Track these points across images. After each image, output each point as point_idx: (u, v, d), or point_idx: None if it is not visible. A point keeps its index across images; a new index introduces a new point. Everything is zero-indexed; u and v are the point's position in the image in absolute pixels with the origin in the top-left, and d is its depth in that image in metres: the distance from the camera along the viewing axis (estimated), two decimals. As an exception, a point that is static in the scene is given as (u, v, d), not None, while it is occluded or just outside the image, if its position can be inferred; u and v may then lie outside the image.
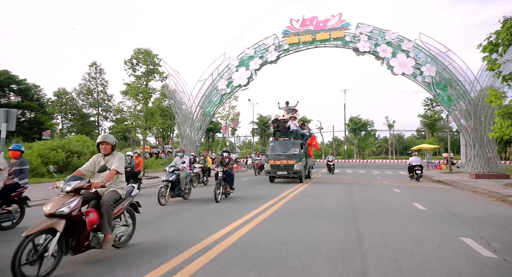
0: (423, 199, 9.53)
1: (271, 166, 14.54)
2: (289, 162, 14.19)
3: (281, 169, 14.37)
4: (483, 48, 9.52)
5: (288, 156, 14.38)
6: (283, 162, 14.34)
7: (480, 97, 17.61)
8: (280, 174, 14.51)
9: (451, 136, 37.34)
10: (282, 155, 14.51)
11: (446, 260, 3.89)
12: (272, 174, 14.66)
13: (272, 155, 14.73)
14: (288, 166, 14.23)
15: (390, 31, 20.04)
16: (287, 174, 14.35)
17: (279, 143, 15.27)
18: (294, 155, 14.27)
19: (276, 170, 14.45)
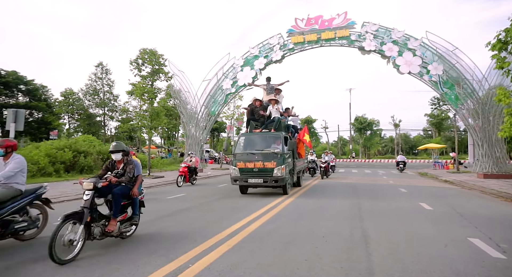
0: (430, 199, 9.42)
1: (239, 170, 9.67)
2: (267, 165, 9.39)
3: (255, 175, 9.51)
4: (492, 46, 9.38)
5: (265, 155, 9.57)
6: (257, 164, 9.48)
7: (489, 96, 17.35)
8: (253, 183, 9.64)
9: (458, 136, 36.90)
10: (256, 155, 9.67)
11: (454, 261, 3.83)
12: (241, 183, 9.75)
13: (242, 154, 9.91)
14: (264, 171, 9.43)
15: (396, 29, 19.85)
16: (263, 183, 9.46)
17: (253, 137, 10.52)
18: (275, 155, 9.49)
19: (247, 177, 9.57)
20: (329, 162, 17.51)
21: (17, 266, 3.72)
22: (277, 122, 10.61)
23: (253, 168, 9.55)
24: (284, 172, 9.42)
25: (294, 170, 11.07)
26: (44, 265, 3.70)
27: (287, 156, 9.92)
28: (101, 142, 27.53)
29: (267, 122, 10.93)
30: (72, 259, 3.77)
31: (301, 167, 13.09)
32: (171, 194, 10.43)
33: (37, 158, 15.01)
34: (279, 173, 9.33)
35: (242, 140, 10.65)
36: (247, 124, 11.54)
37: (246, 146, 10.26)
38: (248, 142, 10.42)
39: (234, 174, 9.80)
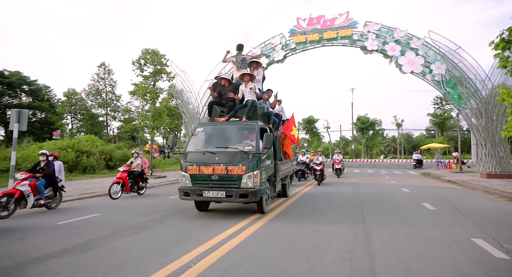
0: (433, 198, 9.38)
1: (191, 178, 6.45)
2: (232, 170, 6.21)
3: (214, 185, 6.31)
4: (495, 45, 9.32)
5: (230, 156, 6.35)
6: (218, 169, 6.28)
7: (492, 95, 17.26)
8: (211, 197, 6.30)
9: (461, 136, 36.78)
10: (217, 154, 6.41)
11: (457, 261, 3.82)
12: (193, 197, 6.43)
13: (195, 154, 6.63)
14: (228, 179, 6.25)
15: (399, 29, 19.79)
16: (225, 197, 6.19)
17: (215, 129, 7.20)
18: (245, 155, 6.26)
19: (203, 187, 6.34)
20: (324, 162, 14.26)
21: (20, 265, 3.74)
22: (250, 107, 7.10)
23: (211, 174, 6.15)
24: (258, 181, 6.08)
25: (276, 176, 7.60)
26: (46, 265, 3.72)
27: (265, 156, 6.59)
28: (103, 142, 27.64)
29: (237, 107, 7.37)
30: None
31: (287, 171, 9.04)
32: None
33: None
34: (251, 182, 6.01)
35: (199, 132, 7.14)
36: (208, 111, 7.84)
37: (204, 142, 6.98)
38: (208, 136, 7.10)
39: (183, 184, 6.39)
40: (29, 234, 5.21)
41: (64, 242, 4.67)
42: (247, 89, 7.54)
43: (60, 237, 4.96)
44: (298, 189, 12.03)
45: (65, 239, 4.83)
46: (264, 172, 6.61)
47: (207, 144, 6.92)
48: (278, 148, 8.32)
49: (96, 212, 7.24)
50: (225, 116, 7.42)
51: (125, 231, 5.36)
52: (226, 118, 7.32)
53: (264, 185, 6.57)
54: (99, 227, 5.73)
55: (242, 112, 7.32)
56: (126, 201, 9.18)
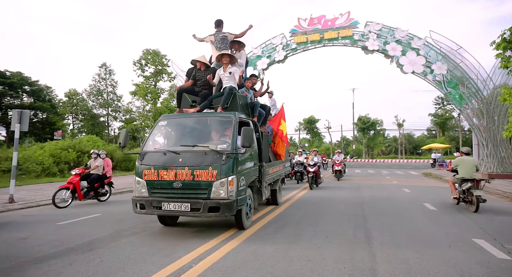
0: (434, 199, 9.37)
1: (148, 186, 5.04)
2: (199, 175, 4.80)
3: (176, 194, 4.90)
4: (497, 45, 9.30)
5: (197, 157, 4.96)
6: (181, 173, 4.87)
7: (493, 95, 17.22)
8: (172, 211, 4.83)
9: (462, 136, 36.73)
10: (181, 155, 5.03)
11: (458, 262, 3.81)
12: (149, 210, 4.94)
13: (154, 154, 5.25)
14: (194, 187, 4.83)
15: (400, 29, 19.77)
16: (190, 211, 4.75)
17: (182, 122, 5.87)
18: (217, 155, 4.88)
19: (162, 197, 4.94)
20: (319, 164, 12.85)
21: (22, 265, 3.75)
22: (228, 95, 5.77)
23: (173, 180, 4.82)
24: (234, 189, 4.77)
25: (262, 180, 6.15)
26: (48, 265, 3.73)
27: (245, 157, 5.30)
28: (104, 142, 27.67)
29: (212, 96, 6.04)
30: None
31: (277, 174, 7.62)
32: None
33: (41, 158, 15.14)
34: (224, 191, 4.67)
35: (161, 127, 5.74)
36: (177, 100, 6.36)
37: (167, 139, 5.81)
38: (172, 132, 5.79)
39: (138, 193, 5.05)
40: (30, 234, 5.22)
41: (65, 242, 4.68)
42: (225, 73, 6.03)
43: (61, 237, 4.98)
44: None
45: (66, 239, 4.85)
46: (244, 177, 5.11)
47: (171, 142, 5.57)
48: (265, 147, 6.78)
49: (96, 213, 7.25)
50: (197, 107, 5.89)
51: (126, 232, 5.37)
52: (197, 109, 5.82)
53: (243, 193, 5.09)
54: (99, 227, 5.74)
55: (218, 101, 5.86)
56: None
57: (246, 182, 5.29)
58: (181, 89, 6.32)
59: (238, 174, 4.94)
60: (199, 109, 5.87)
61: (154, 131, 5.71)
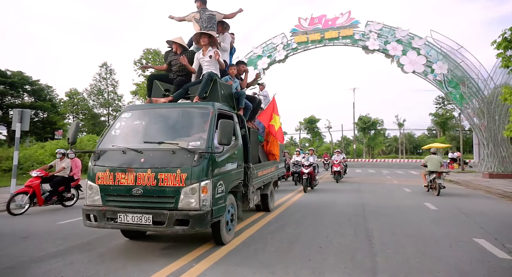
0: (435, 198, 9.36)
1: (102, 191, 4.02)
2: (164, 179, 3.80)
3: (135, 203, 3.89)
4: (498, 45, 9.28)
5: (163, 156, 3.98)
6: (142, 177, 3.86)
7: (494, 95, 17.21)
8: (130, 224, 3.81)
9: (463, 135, 36.67)
10: (144, 154, 4.01)
11: (459, 261, 3.81)
12: (101, 223, 3.92)
13: (112, 153, 4.23)
14: (157, 194, 3.84)
15: (401, 28, 19.76)
16: (152, 225, 3.75)
17: (148, 115, 4.76)
18: (187, 154, 3.89)
19: (119, 207, 3.91)
20: (315, 164, 11.48)
21: (22, 265, 3.76)
22: (207, 82, 4.88)
23: (132, 186, 3.91)
24: (209, 197, 3.85)
25: (249, 185, 5.19)
26: (49, 264, 3.73)
27: (225, 157, 4.37)
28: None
29: (188, 84, 5.18)
30: None
31: (269, 176, 6.68)
32: None
33: (42, 157, 15.16)
34: (195, 199, 3.77)
35: (124, 120, 4.75)
36: (148, 89, 5.43)
37: (131, 134, 4.67)
38: (137, 126, 4.81)
39: (90, 200, 4.13)
40: (31, 234, 5.23)
41: (66, 242, 4.69)
42: (205, 57, 5.13)
43: (62, 237, 4.98)
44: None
45: (67, 239, 4.85)
46: (223, 181, 4.16)
47: (134, 138, 4.52)
48: (254, 145, 5.80)
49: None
50: (170, 96, 5.01)
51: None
52: (170, 99, 4.91)
53: (222, 201, 4.13)
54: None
55: (195, 90, 4.92)
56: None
57: (226, 187, 4.29)
58: (152, 76, 5.50)
59: (215, 178, 3.95)
60: (172, 99, 4.91)
61: (115, 125, 4.67)
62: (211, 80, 4.94)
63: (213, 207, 3.89)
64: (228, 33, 6.22)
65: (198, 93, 4.81)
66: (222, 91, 5.08)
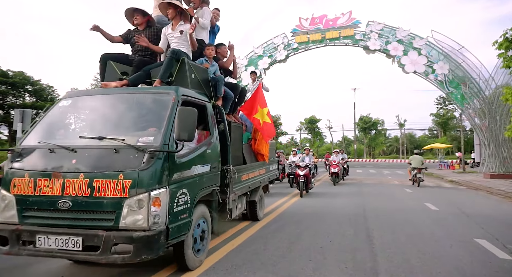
0: (436, 199, 9.35)
1: (18, 203, 2.94)
2: (101, 188, 2.80)
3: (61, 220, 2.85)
4: (499, 45, 9.27)
5: (101, 156, 2.99)
6: (72, 184, 2.84)
7: (495, 95, 17.19)
8: (50, 249, 2.77)
9: (464, 136, 36.70)
10: (77, 153, 3.00)
11: (460, 262, 3.80)
12: (15, 247, 2.85)
13: (36, 152, 3.16)
14: (90, 208, 2.83)
15: (402, 28, 19.75)
16: (81, 252, 2.74)
17: (93, 102, 3.71)
18: (134, 154, 2.90)
19: (39, 224, 2.88)
20: (310, 165, 10.37)
21: (22, 265, 3.76)
22: (169, 61, 3.85)
23: (57, 196, 2.87)
24: (164, 211, 2.89)
25: (228, 191, 4.17)
26: (49, 265, 3.74)
27: (191, 157, 3.45)
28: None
29: (149, 66, 4.14)
30: None
31: (257, 180, 5.64)
32: None
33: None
34: (143, 215, 2.77)
35: (61, 109, 3.71)
36: (100, 71, 4.39)
37: (67, 127, 3.83)
38: (77, 117, 3.99)
39: (1, 217, 3.02)
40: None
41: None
42: (174, 32, 4.15)
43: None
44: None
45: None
46: (187, 189, 3.24)
47: (72, 132, 3.64)
48: (236, 143, 4.87)
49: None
50: (126, 79, 3.95)
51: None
52: (124, 83, 3.85)
53: (185, 216, 3.19)
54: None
55: (157, 72, 3.90)
56: None
57: (193, 197, 3.35)
58: (106, 55, 4.27)
59: (174, 185, 3.02)
60: (128, 84, 3.84)
61: (48, 115, 3.57)
62: (176, 59, 3.84)
63: (171, 224, 2.92)
64: (208, 8, 5.13)
65: (159, 76, 3.75)
66: (193, 75, 3.97)
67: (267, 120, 5.71)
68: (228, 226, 5.19)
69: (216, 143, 3.99)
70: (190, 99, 3.61)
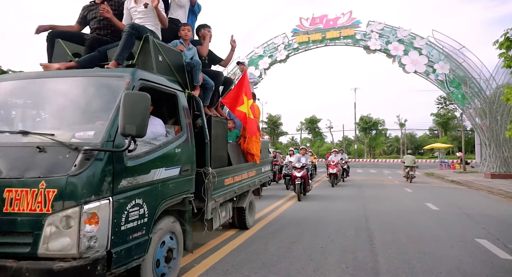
0: (436, 199, 9.33)
1: None
2: (15, 200, 2.04)
3: None
4: (500, 44, 9.25)
5: (17, 155, 2.26)
6: None
7: (496, 95, 17.16)
8: None
9: (465, 136, 36.63)
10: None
11: (461, 262, 3.79)
12: None
13: None
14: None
15: (402, 28, 19.73)
16: None
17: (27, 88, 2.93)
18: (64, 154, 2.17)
19: None
20: (308, 166, 9.55)
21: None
22: (127, 39, 3.02)
23: None
24: (103, 231, 2.12)
25: (207, 198, 3.49)
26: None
27: (148, 159, 2.63)
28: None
29: (106, 46, 3.34)
30: None
31: (245, 184, 5.00)
32: None
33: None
34: (70, 238, 2.02)
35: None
36: (47, 50, 3.50)
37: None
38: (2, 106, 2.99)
39: None
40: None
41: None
42: (138, 6, 3.48)
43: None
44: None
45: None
46: (142, 198, 2.54)
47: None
48: (219, 141, 4.14)
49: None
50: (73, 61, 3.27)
51: None
52: (71, 64, 3.18)
53: (140, 234, 2.52)
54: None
55: (114, 51, 3.16)
56: None
57: (153, 209, 2.63)
58: (55, 32, 3.51)
59: (122, 195, 2.32)
60: (76, 66, 3.14)
61: None
62: (138, 37, 3.07)
63: (116, 247, 2.22)
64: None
65: (114, 57, 2.97)
66: (160, 58, 3.20)
67: (251, 116, 4.89)
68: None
69: (189, 141, 3.25)
70: (153, 85, 2.85)
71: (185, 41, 3.94)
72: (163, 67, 3.24)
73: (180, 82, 3.47)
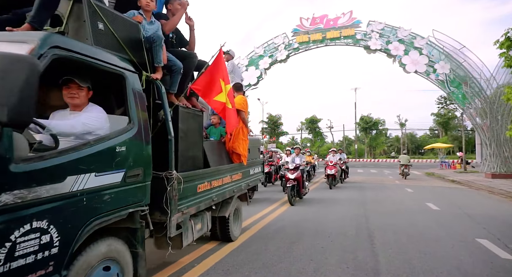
0: (437, 199, 9.33)
1: None
2: None
3: None
4: (500, 44, 9.25)
5: None
6: None
7: (497, 95, 17.15)
8: None
9: (465, 135, 36.62)
10: None
11: (462, 262, 3.79)
12: None
13: None
14: None
15: (403, 28, 19.73)
16: None
17: None
18: None
19: None
20: (302, 167, 8.91)
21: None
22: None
23: None
24: None
25: (170, 209, 2.73)
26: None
27: (69, 160, 1.87)
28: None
29: (22, 10, 2.40)
30: None
31: (229, 188, 4.21)
32: None
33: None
34: None
35: None
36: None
37: None
38: None
39: None
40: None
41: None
42: None
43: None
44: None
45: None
46: (48, 220, 1.72)
47: None
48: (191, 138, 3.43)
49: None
50: None
51: None
52: None
53: (47, 272, 1.71)
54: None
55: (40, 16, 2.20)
56: None
57: (71, 233, 1.89)
58: None
59: (3, 217, 1.52)
60: None
61: None
62: None
63: None
64: None
65: (28, 19, 2.16)
66: (101, 25, 2.36)
67: (229, 105, 3.98)
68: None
69: (141, 136, 2.53)
70: (79, 58, 2.07)
71: (146, 13, 3.10)
72: (107, 39, 2.42)
73: (135, 61, 2.69)
